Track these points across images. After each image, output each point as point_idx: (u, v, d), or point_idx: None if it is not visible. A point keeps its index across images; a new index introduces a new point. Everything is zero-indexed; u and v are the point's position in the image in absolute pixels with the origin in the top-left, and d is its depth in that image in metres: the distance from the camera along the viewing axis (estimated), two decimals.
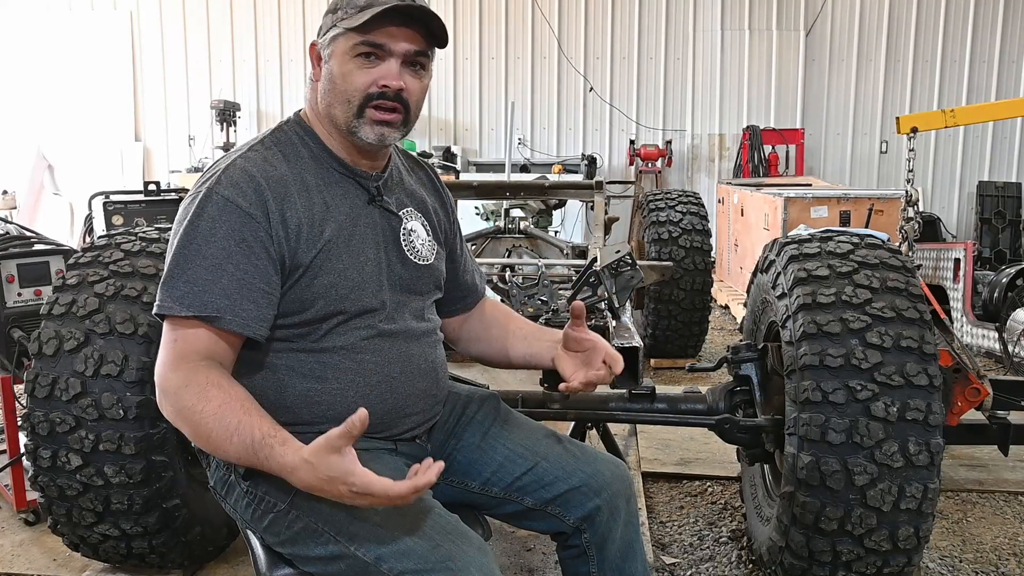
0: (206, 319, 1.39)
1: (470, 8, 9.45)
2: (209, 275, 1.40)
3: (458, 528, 1.42)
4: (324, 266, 1.48)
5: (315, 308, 1.48)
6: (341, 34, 1.48)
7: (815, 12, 9.24)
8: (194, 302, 1.39)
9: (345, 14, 1.47)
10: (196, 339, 1.40)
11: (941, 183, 9.46)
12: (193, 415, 1.36)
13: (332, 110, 1.51)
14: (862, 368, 1.99)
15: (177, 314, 1.39)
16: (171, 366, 1.39)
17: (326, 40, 1.51)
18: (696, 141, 9.49)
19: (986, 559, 2.70)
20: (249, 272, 1.42)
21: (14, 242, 3.22)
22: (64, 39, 9.55)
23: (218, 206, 1.42)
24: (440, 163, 8.47)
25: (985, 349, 4.95)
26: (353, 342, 1.52)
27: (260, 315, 1.43)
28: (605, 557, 1.66)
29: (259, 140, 1.54)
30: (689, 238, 4.70)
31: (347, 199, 1.54)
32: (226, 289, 1.40)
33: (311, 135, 1.56)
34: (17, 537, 2.80)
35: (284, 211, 1.45)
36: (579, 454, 1.70)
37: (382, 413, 1.54)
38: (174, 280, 1.41)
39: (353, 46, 1.47)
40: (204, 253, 1.40)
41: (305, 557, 1.45)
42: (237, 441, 1.33)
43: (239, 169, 1.46)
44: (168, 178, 8.84)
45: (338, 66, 1.49)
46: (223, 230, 1.41)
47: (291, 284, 1.47)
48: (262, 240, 1.43)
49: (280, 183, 1.47)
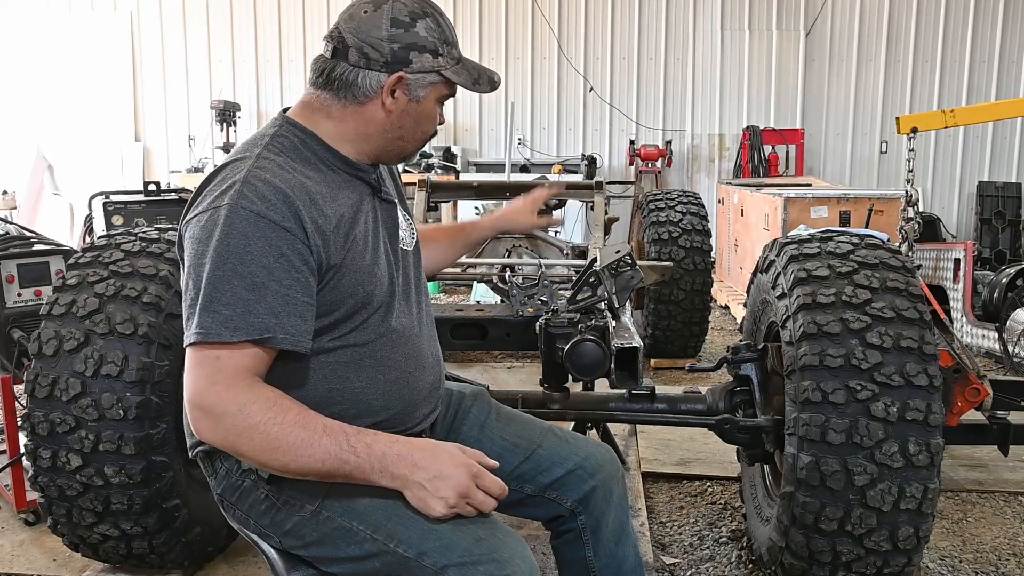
0: (257, 341, 1.35)
1: (470, 8, 9.46)
2: (251, 295, 1.35)
3: (496, 521, 1.43)
4: (350, 265, 1.47)
5: (344, 307, 1.47)
6: (442, 83, 1.53)
7: (815, 12, 9.24)
8: (240, 324, 1.34)
9: (447, 63, 1.51)
10: (243, 357, 1.36)
11: (941, 183, 9.46)
12: (270, 428, 1.33)
13: (403, 144, 1.56)
14: (862, 368, 1.99)
15: (227, 340, 1.34)
16: (224, 385, 1.34)
17: (423, 80, 1.50)
18: (696, 141, 9.48)
19: (986, 559, 2.70)
20: (292, 287, 1.38)
21: (14, 242, 3.22)
22: (64, 39, 9.55)
23: (248, 222, 1.36)
24: (440, 163, 8.48)
25: (985, 349, 4.95)
26: (372, 339, 1.52)
27: (306, 328, 1.41)
28: (600, 540, 1.71)
29: (263, 147, 1.48)
30: (689, 238, 4.70)
31: (356, 194, 1.55)
32: (272, 307, 1.36)
33: (312, 137, 1.53)
34: (17, 537, 2.80)
35: (315, 218, 1.42)
36: (571, 440, 1.77)
37: (399, 408, 1.56)
38: (214, 304, 1.34)
39: (444, 95, 1.55)
40: (242, 272, 1.35)
41: (333, 558, 1.45)
42: (328, 442, 1.34)
43: (261, 181, 1.40)
44: (168, 178, 8.84)
45: (430, 110, 1.54)
46: (259, 247, 1.36)
47: (321, 287, 1.45)
48: (300, 252, 1.39)
49: (303, 190, 1.43)
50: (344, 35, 1.48)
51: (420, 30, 1.48)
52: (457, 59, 1.53)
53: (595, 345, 2.06)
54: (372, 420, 1.53)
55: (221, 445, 1.38)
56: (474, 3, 9.45)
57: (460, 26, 9.40)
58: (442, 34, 1.51)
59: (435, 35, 1.50)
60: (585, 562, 1.71)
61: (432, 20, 1.50)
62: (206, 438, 1.39)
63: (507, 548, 1.37)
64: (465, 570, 1.33)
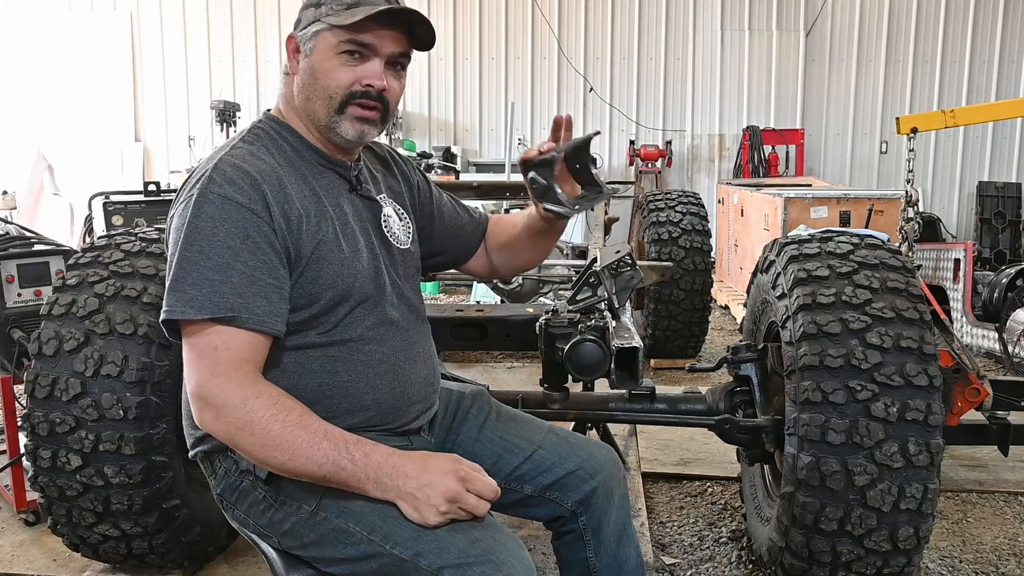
0: (222, 320, 1.37)
1: (470, 8, 9.45)
2: (216, 275, 1.37)
3: (493, 522, 1.43)
4: (327, 256, 1.48)
5: (324, 300, 1.48)
6: (326, 30, 1.47)
7: (815, 12, 9.25)
8: (205, 303, 1.36)
9: (331, 10, 1.47)
10: (236, 344, 1.37)
11: (941, 183, 9.47)
12: (272, 424, 1.34)
13: (311, 104, 1.51)
14: (862, 368, 1.99)
15: (190, 318, 1.36)
16: (225, 377, 1.35)
17: (307, 34, 1.50)
18: (696, 141, 9.49)
19: (986, 559, 2.70)
20: (258, 268, 1.39)
21: (14, 242, 3.22)
22: (64, 39, 9.56)
23: (216, 205, 1.39)
24: (440, 163, 8.47)
25: (985, 349, 4.95)
26: (360, 333, 1.52)
27: (273, 310, 1.41)
28: (601, 540, 1.70)
29: (238, 139, 1.52)
30: (689, 238, 4.70)
31: (332, 188, 1.55)
32: (237, 287, 1.37)
33: (288, 129, 1.55)
34: (17, 537, 2.80)
35: (283, 203, 1.44)
36: (572, 440, 1.75)
37: (391, 403, 1.56)
38: (180, 284, 1.37)
39: (339, 43, 1.47)
40: (208, 254, 1.37)
41: (331, 559, 1.45)
42: (327, 446, 1.34)
43: (230, 166, 1.42)
44: (168, 178, 8.83)
45: (321, 62, 1.49)
46: (225, 228, 1.38)
47: (297, 277, 1.46)
48: (266, 235, 1.41)
49: (273, 176, 1.45)
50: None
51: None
52: (348, 5, 1.46)
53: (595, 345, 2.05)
54: (363, 416, 1.53)
55: (222, 437, 1.39)
56: (474, 3, 9.45)
57: (460, 26, 9.41)
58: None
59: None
60: (587, 563, 1.71)
61: None
62: (209, 429, 1.40)
63: (504, 549, 1.37)
64: (461, 571, 1.33)
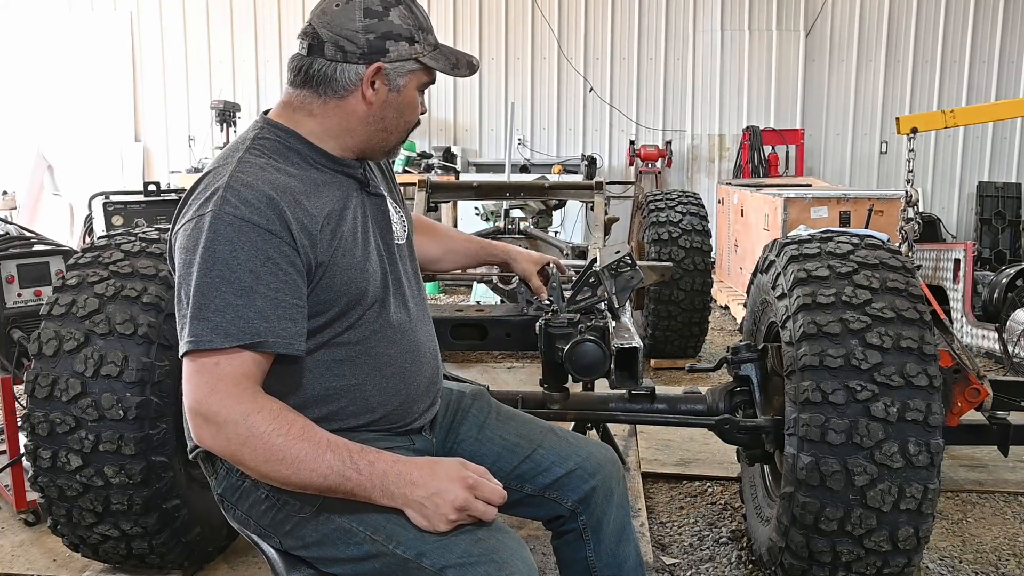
0: (248, 346, 1.34)
1: (470, 8, 9.45)
2: (240, 300, 1.34)
3: (496, 522, 1.43)
4: (341, 262, 1.47)
5: (338, 305, 1.47)
6: (421, 70, 1.51)
7: (815, 12, 9.24)
8: (231, 330, 1.33)
9: (424, 49, 1.50)
10: (241, 363, 1.35)
11: (941, 183, 9.46)
12: (274, 438, 1.32)
13: (387, 136, 1.54)
14: (862, 369, 1.99)
15: (219, 347, 1.33)
16: (226, 392, 1.33)
17: (402, 69, 1.49)
18: (696, 141, 9.48)
19: (986, 559, 2.70)
20: (281, 290, 1.37)
21: (14, 242, 3.22)
22: (64, 39, 9.55)
23: (234, 227, 1.35)
24: (440, 163, 8.47)
25: (985, 349, 4.95)
26: (368, 335, 1.52)
27: (298, 331, 1.40)
28: (601, 539, 1.71)
29: (244, 151, 1.47)
30: (689, 238, 4.70)
31: (342, 190, 1.54)
32: (262, 311, 1.35)
33: (294, 135, 1.52)
34: (17, 537, 2.80)
35: (300, 218, 1.41)
36: (571, 440, 1.76)
37: (397, 404, 1.56)
38: (203, 311, 1.34)
39: (425, 82, 1.54)
40: (229, 279, 1.34)
41: (333, 559, 1.44)
42: (331, 457, 1.33)
43: (243, 185, 1.39)
44: (168, 178, 8.83)
45: (411, 99, 1.53)
46: (245, 251, 1.35)
47: (313, 286, 1.44)
48: (287, 255, 1.38)
49: (287, 190, 1.42)
50: (318, 31, 1.47)
51: (394, 18, 1.47)
52: (434, 45, 1.52)
53: (595, 345, 2.06)
54: (370, 417, 1.53)
55: (222, 453, 1.38)
56: (474, 3, 9.45)
57: (460, 26, 9.40)
58: (416, 21, 1.50)
59: (410, 22, 1.49)
60: (586, 562, 1.71)
61: (405, 7, 1.49)
62: (207, 446, 1.38)
63: (506, 549, 1.37)
64: (464, 571, 1.33)
